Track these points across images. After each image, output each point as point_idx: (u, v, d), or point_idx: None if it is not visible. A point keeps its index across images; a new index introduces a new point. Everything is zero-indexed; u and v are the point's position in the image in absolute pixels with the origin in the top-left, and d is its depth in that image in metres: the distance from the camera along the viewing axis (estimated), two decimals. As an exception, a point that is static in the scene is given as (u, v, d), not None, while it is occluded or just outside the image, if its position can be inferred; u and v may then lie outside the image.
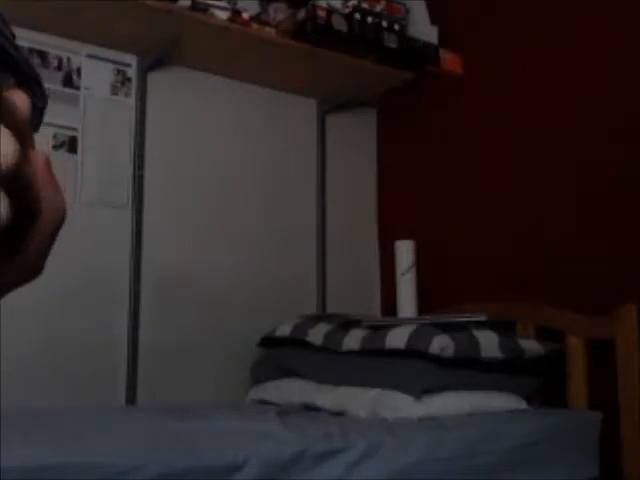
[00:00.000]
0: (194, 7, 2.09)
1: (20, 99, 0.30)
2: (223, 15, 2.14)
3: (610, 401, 1.82)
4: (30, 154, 0.30)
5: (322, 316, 2.25)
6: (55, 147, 2.11)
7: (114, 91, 2.24)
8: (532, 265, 2.17)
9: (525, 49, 2.27)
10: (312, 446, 1.43)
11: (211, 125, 2.43)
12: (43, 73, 2.06)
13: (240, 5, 2.22)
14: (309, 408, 1.93)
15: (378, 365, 1.88)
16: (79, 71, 2.18)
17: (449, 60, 2.47)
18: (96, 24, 2.09)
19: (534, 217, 2.19)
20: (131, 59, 2.28)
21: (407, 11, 2.41)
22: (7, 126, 0.27)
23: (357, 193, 2.73)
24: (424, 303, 2.31)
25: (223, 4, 2.16)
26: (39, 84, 0.36)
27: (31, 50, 2.09)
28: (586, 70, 2.09)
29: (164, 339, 2.23)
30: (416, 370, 1.80)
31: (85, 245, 2.13)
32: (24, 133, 0.29)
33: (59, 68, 2.14)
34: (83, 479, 1.18)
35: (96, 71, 2.20)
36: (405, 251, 2.29)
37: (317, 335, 2.06)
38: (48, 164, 0.31)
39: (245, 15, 2.20)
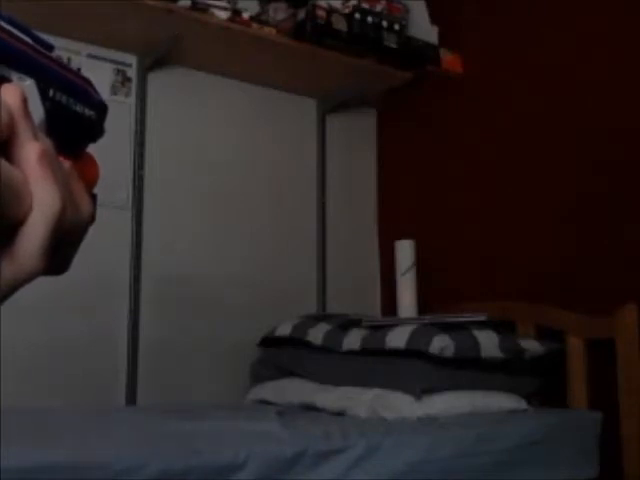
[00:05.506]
0: (194, 7, 2.09)
1: (5, 91, 0.29)
2: (223, 15, 2.14)
3: (610, 401, 1.82)
4: (20, 148, 0.29)
5: (322, 316, 2.24)
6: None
7: (114, 91, 2.24)
8: (532, 265, 2.16)
9: (525, 49, 2.27)
10: (312, 446, 1.42)
11: (211, 125, 2.43)
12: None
13: (240, 5, 2.22)
14: (309, 408, 1.93)
15: (378, 365, 1.88)
16: (79, 71, 2.18)
17: (449, 60, 2.47)
18: (96, 24, 2.09)
19: (534, 217, 2.19)
20: (131, 59, 2.28)
21: (407, 11, 2.41)
22: None
23: (357, 193, 2.73)
24: (424, 303, 2.30)
25: (223, 4, 2.16)
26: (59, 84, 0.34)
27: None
28: (586, 69, 2.09)
29: (164, 339, 2.23)
30: (416, 370, 1.80)
31: (85, 245, 2.10)
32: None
33: (59, 68, 2.14)
34: (83, 479, 1.19)
35: (96, 71, 2.19)
36: (405, 251, 2.29)
37: (317, 335, 2.05)
38: (43, 157, 0.30)
39: (245, 15, 2.20)
